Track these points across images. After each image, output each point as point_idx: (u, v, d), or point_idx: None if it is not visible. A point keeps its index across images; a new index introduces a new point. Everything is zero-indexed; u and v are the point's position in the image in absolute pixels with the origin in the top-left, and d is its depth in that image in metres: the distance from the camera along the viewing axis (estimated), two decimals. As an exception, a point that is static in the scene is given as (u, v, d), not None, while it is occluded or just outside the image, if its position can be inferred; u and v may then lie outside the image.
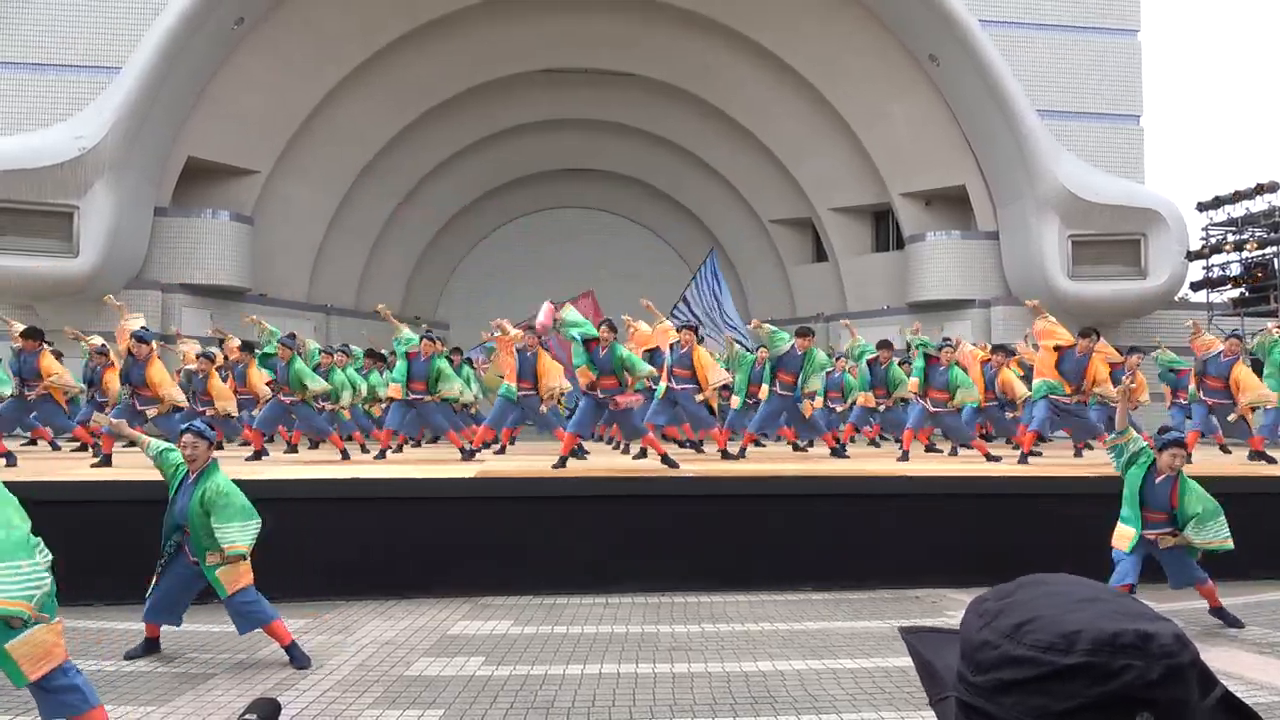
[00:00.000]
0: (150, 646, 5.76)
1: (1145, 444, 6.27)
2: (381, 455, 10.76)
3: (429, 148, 20.97)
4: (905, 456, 10.68)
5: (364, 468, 9.36)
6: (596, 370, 9.11)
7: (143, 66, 14.90)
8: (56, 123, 15.10)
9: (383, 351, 13.84)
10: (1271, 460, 9.97)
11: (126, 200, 15.25)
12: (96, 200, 14.74)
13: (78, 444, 12.00)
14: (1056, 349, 9.90)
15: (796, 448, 12.58)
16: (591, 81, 20.76)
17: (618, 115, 21.71)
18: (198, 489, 5.48)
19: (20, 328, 10.60)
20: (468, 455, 10.52)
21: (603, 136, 22.46)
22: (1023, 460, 9.97)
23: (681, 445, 12.20)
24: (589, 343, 9.14)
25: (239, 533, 5.41)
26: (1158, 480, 6.17)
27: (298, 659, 5.57)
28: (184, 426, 5.83)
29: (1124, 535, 6.23)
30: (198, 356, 11.03)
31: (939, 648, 0.85)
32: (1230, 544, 6.12)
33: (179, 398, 9.88)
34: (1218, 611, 6.47)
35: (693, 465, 9.58)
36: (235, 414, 10.79)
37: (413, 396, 10.63)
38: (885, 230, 21.06)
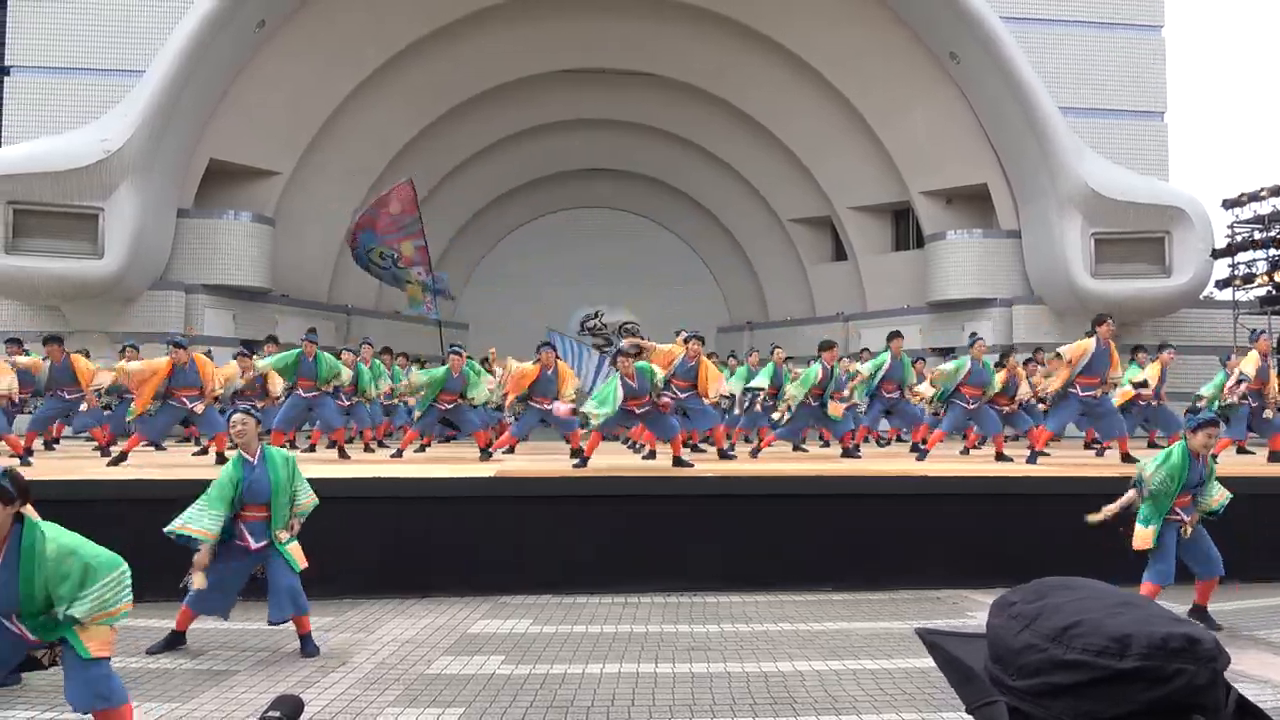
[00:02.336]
0: (175, 640, 5.84)
1: (1162, 463, 6.19)
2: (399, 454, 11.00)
3: (448, 149, 21.06)
4: (923, 455, 10.65)
5: (384, 467, 9.41)
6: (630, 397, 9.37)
7: (166, 70, 15.04)
8: (82, 126, 15.28)
9: (389, 347, 14.45)
10: None
11: (150, 202, 15.41)
12: (121, 202, 14.90)
13: (95, 444, 12.18)
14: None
15: (796, 447, 12.54)
16: (610, 82, 20.77)
17: (636, 115, 21.71)
18: (269, 469, 5.77)
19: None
20: (486, 455, 10.68)
21: (621, 136, 22.47)
22: (1031, 460, 9.90)
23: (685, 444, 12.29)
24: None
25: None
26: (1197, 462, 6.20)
27: (309, 649, 5.79)
28: (231, 410, 6.04)
29: (1144, 535, 6.16)
30: (237, 356, 11.37)
31: (964, 650, 0.84)
32: (1229, 495, 6.27)
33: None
34: (1200, 611, 6.37)
35: (709, 465, 9.57)
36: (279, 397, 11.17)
37: (445, 407, 11.09)
38: (905, 229, 20.94)
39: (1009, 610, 0.80)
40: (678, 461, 9.22)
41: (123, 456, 9.35)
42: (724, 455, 10.41)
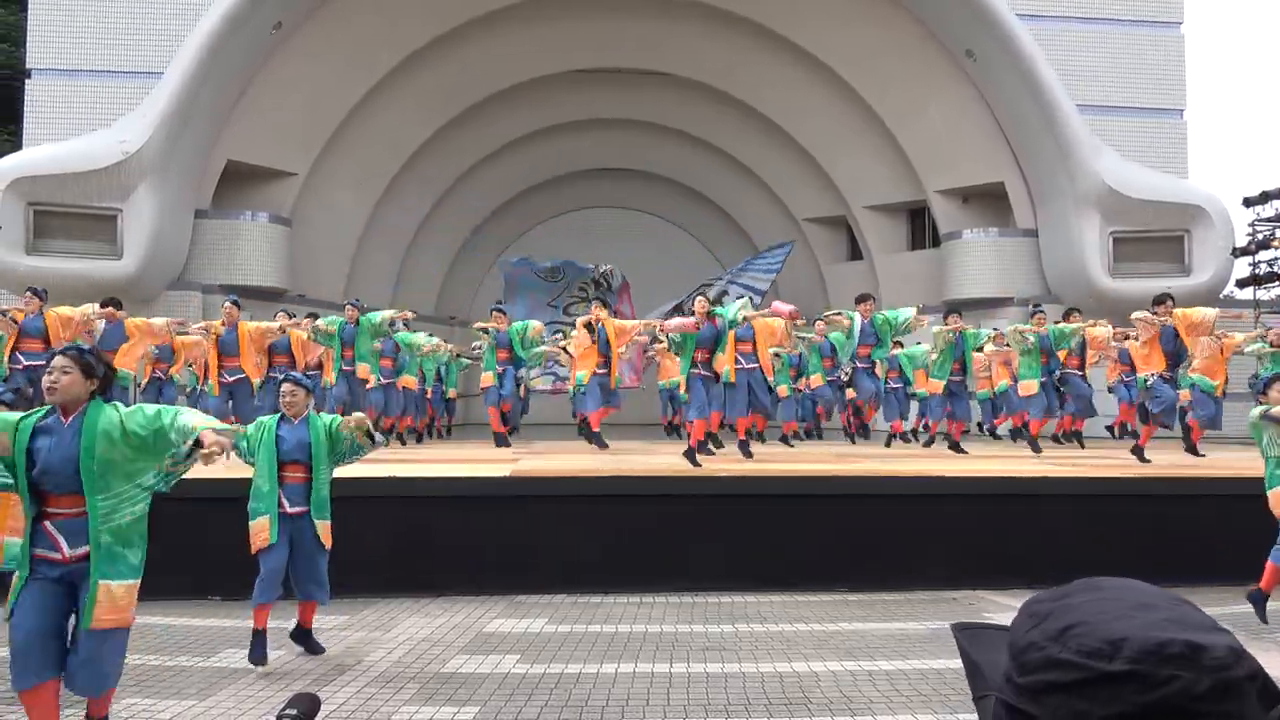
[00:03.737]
0: (262, 641, 5.49)
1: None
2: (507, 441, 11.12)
3: (463, 149, 21.12)
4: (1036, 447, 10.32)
5: (402, 466, 9.44)
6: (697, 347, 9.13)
7: (183, 72, 15.15)
8: (101, 128, 15.41)
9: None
10: None
11: (168, 203, 15.53)
12: (139, 203, 15.02)
13: None
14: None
15: (809, 434, 12.47)
16: (624, 81, 20.77)
17: (650, 115, 21.71)
18: (310, 427, 5.65)
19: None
20: (504, 442, 10.73)
21: (635, 136, 22.47)
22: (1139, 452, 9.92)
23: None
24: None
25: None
26: None
27: (313, 647, 5.77)
28: (283, 376, 6.15)
29: None
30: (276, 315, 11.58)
31: (989, 646, 0.85)
32: None
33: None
34: (1262, 596, 6.30)
35: (722, 465, 9.55)
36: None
37: (500, 368, 11.17)
38: (921, 228, 20.83)
39: (1031, 608, 0.81)
40: (689, 452, 8.93)
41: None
42: (745, 450, 10.28)
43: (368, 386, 11.36)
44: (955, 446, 11.67)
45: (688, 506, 7.95)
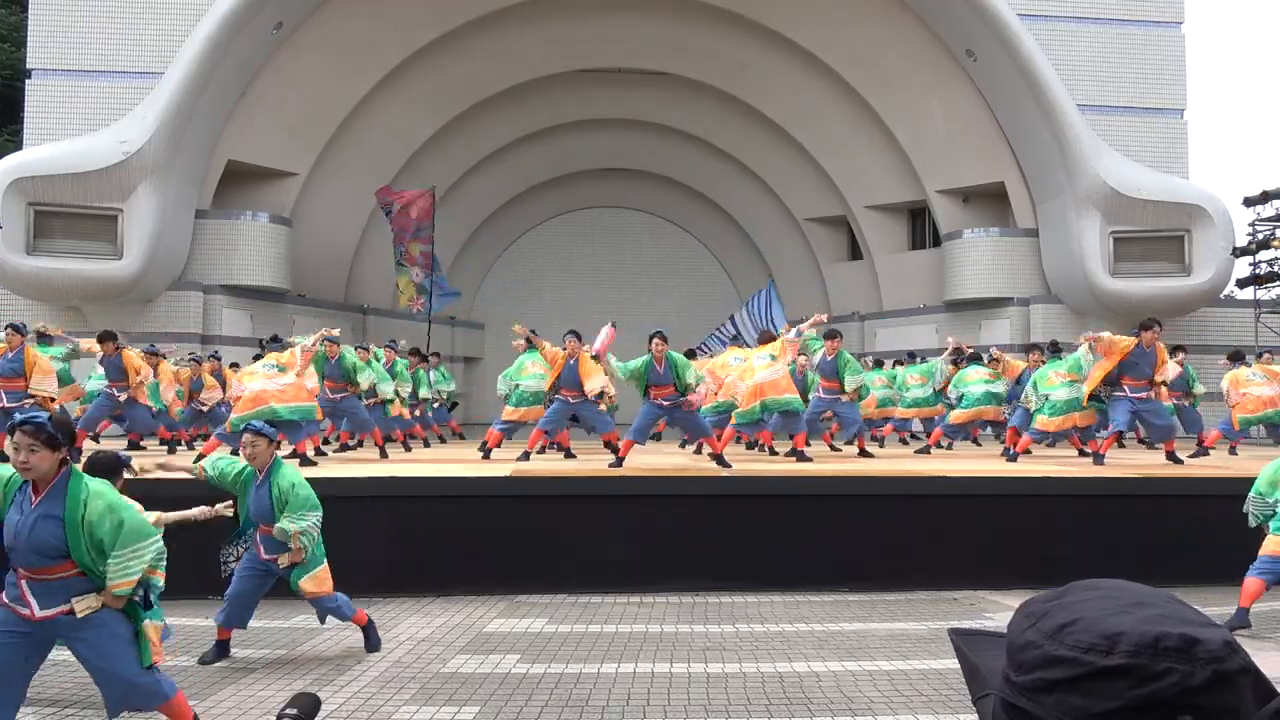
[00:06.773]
0: (222, 650, 5.65)
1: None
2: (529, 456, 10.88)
3: (464, 149, 21.12)
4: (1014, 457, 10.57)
5: (402, 466, 9.45)
6: (653, 384, 9.52)
7: (184, 72, 15.16)
8: (102, 128, 15.41)
9: (418, 349, 14.51)
10: None
11: (169, 203, 15.53)
12: (140, 203, 15.03)
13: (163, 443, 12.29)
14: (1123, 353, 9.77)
15: (834, 449, 12.51)
16: (626, 81, 20.78)
17: (652, 115, 21.72)
18: (271, 486, 5.51)
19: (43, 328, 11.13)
20: (486, 454, 10.63)
21: (638, 136, 22.48)
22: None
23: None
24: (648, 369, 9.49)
25: (295, 521, 5.48)
26: None
27: (372, 641, 5.85)
28: (244, 425, 5.93)
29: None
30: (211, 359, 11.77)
31: (985, 649, 0.86)
32: None
33: None
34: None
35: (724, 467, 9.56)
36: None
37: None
38: (922, 228, 20.83)
39: (1027, 608, 0.82)
40: (718, 459, 9.18)
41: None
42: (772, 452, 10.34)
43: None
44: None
45: (688, 506, 7.96)
